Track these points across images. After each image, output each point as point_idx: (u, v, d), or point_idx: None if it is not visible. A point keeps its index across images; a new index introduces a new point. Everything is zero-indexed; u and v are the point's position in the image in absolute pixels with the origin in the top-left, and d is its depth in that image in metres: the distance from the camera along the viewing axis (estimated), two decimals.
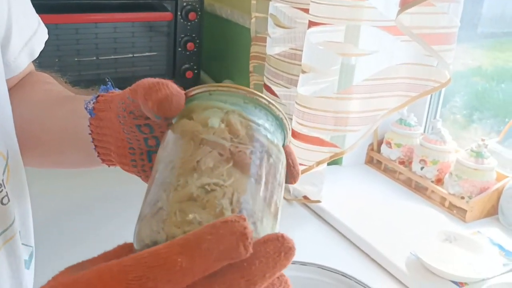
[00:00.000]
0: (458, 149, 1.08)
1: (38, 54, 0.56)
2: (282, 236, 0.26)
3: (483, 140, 1.00)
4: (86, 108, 0.43)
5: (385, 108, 0.82)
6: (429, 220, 0.99)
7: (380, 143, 1.20)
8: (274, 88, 1.08)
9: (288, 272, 0.60)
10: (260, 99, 0.32)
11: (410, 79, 0.79)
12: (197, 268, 0.24)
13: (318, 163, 0.87)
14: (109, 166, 0.45)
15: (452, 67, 0.73)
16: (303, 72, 0.82)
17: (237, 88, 0.33)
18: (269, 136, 0.32)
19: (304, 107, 0.83)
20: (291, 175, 0.35)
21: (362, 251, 0.90)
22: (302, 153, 0.88)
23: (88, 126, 0.43)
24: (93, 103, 0.43)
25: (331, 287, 0.60)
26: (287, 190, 1.08)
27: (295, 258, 0.55)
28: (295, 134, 0.88)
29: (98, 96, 0.43)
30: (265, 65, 1.10)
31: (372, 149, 1.22)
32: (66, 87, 0.57)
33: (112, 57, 1.41)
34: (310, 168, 0.88)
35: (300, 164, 0.90)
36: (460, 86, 1.20)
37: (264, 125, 0.32)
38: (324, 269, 0.61)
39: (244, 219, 0.25)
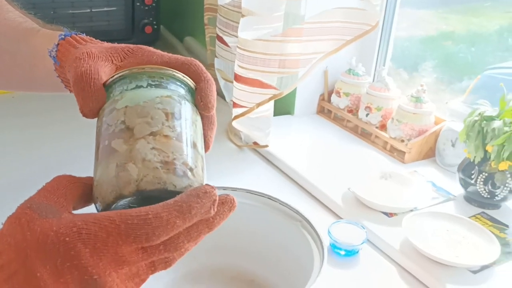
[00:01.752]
0: (402, 96, 1.13)
1: None
2: (233, 199, 0.36)
3: (422, 85, 1.05)
4: (50, 56, 0.45)
5: (322, 51, 0.85)
6: (370, 162, 1.04)
7: (330, 93, 1.25)
8: (226, 38, 1.11)
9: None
10: (156, 70, 0.37)
11: (345, 23, 0.83)
12: (186, 225, 0.33)
13: (258, 105, 0.91)
14: None
15: (379, 9, 0.76)
16: (243, 16, 0.85)
17: (137, 68, 0.37)
18: (175, 96, 0.36)
19: (245, 50, 0.87)
20: (204, 107, 0.39)
21: (304, 188, 0.96)
22: (244, 95, 0.91)
23: (54, 70, 0.45)
24: (56, 51, 0.45)
25: (257, 209, 0.65)
26: (238, 137, 1.12)
27: (226, 185, 0.61)
28: (237, 77, 0.91)
29: (59, 44, 0.45)
30: (217, 16, 1.12)
31: (323, 99, 1.27)
32: (22, 13, 0.58)
33: (70, 11, 1.41)
34: (251, 109, 0.92)
35: (242, 106, 0.94)
36: (431, 49, 1.24)
37: (180, 94, 0.37)
38: (251, 193, 0.66)
39: (214, 188, 0.34)
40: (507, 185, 0.85)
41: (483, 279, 0.72)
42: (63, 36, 0.45)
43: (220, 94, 1.29)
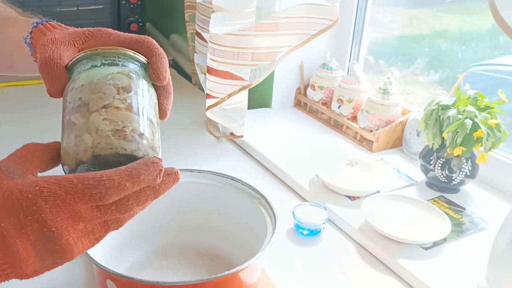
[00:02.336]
0: (372, 88, 1.18)
1: None
2: (177, 172, 0.41)
3: (388, 78, 1.10)
4: (25, 43, 0.50)
5: (288, 45, 0.91)
6: (340, 151, 1.10)
7: (306, 87, 1.30)
8: (204, 34, 1.16)
9: (187, 178, 0.70)
10: (108, 50, 0.43)
11: (309, 18, 0.88)
12: (134, 189, 0.38)
13: (229, 95, 0.97)
14: None
15: (338, 5, 0.82)
16: (213, 11, 0.90)
17: (91, 50, 0.43)
18: (129, 72, 0.42)
19: (216, 44, 0.92)
20: (157, 79, 0.44)
21: (275, 175, 1.01)
22: (216, 87, 0.97)
23: (31, 55, 0.50)
24: (30, 38, 0.50)
25: (221, 189, 0.71)
26: (216, 128, 1.18)
27: (193, 167, 0.67)
28: (209, 70, 0.97)
29: (32, 32, 0.50)
30: (196, 13, 1.18)
31: (300, 93, 1.32)
32: (2, 2, 0.63)
33: (57, 9, 1.46)
34: (223, 100, 0.97)
35: (215, 97, 0.99)
36: (423, 48, 1.27)
37: (130, 69, 0.42)
38: (216, 175, 0.71)
39: (161, 161, 0.39)
40: (462, 169, 0.91)
41: (433, 255, 0.77)
42: (35, 24, 0.50)
43: (200, 87, 1.35)
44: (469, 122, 0.86)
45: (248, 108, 1.24)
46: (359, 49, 1.28)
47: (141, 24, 1.58)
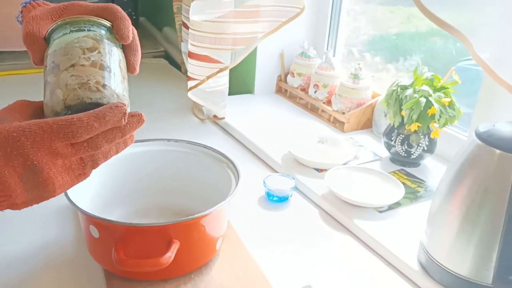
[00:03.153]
0: (344, 74, 1.27)
1: None
2: (141, 114, 0.48)
3: (359, 64, 1.19)
4: (17, 21, 0.59)
5: (261, 31, 1.00)
6: (314, 132, 1.18)
7: (286, 74, 1.39)
8: (188, 24, 1.25)
9: (165, 147, 0.80)
10: (75, 19, 0.51)
11: (279, 7, 0.97)
12: (101, 128, 0.45)
13: (208, 77, 1.06)
14: None
15: None
16: (193, 0, 0.99)
17: (61, 21, 0.51)
18: (94, 35, 0.50)
19: (195, 30, 1.01)
20: (121, 38, 0.53)
21: (253, 152, 1.11)
22: (196, 69, 1.06)
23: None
24: (21, 17, 0.59)
25: (195, 156, 0.80)
26: (201, 112, 1.27)
27: (170, 137, 0.76)
28: (190, 54, 1.06)
29: (22, 10, 0.59)
30: (182, 5, 1.27)
31: (281, 80, 1.41)
32: None
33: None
34: (202, 81, 1.07)
35: (194, 79, 1.08)
36: (418, 45, 1.34)
37: (95, 33, 0.51)
38: (190, 143, 0.80)
39: (125, 105, 0.46)
40: (420, 144, 1.00)
41: (387, 217, 0.86)
42: (24, 4, 0.59)
43: (186, 74, 1.44)
44: (423, 100, 0.95)
45: (232, 94, 1.33)
46: (336, 38, 1.37)
47: (134, 17, 1.67)
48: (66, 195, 0.64)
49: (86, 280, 0.71)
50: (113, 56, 0.50)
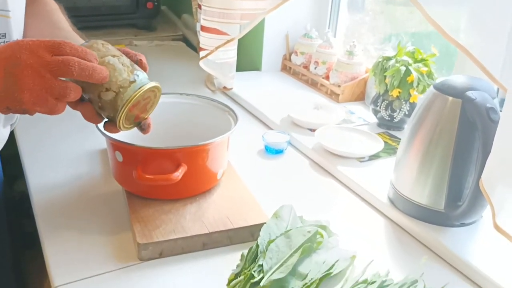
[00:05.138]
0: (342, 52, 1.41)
1: None
2: (104, 71, 0.62)
3: (353, 41, 1.33)
4: None
5: (263, 8, 1.15)
6: (312, 101, 1.33)
7: (291, 54, 1.54)
8: (201, 3, 1.41)
9: (178, 99, 0.97)
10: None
11: None
12: (74, 54, 0.60)
13: (217, 47, 1.21)
14: None
15: None
16: None
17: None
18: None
19: (206, 6, 1.17)
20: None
21: (254, 115, 1.26)
22: (207, 41, 1.22)
23: None
24: None
25: (202, 107, 0.95)
26: (212, 84, 1.42)
27: (178, 91, 0.92)
28: (202, 28, 1.21)
29: None
30: None
31: (286, 59, 1.56)
32: (66, 20, 0.86)
33: None
34: (212, 51, 1.22)
35: (205, 50, 1.24)
36: (434, 43, 1.41)
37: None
38: (198, 96, 0.95)
39: (105, 71, 0.62)
40: (402, 109, 1.13)
41: (365, 165, 1.00)
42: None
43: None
44: (403, 68, 1.08)
45: (242, 70, 1.49)
46: (336, 20, 1.51)
47: (156, 3, 1.84)
48: (98, 128, 0.79)
49: (111, 201, 0.86)
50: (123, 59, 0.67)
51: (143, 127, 0.72)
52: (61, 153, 1.02)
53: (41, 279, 1.53)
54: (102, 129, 0.78)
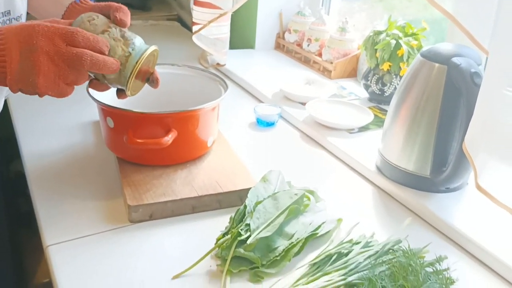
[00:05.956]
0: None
1: None
2: (116, 63, 0.65)
3: (345, 18, 1.34)
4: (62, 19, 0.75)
5: None
6: (304, 77, 1.34)
7: (284, 32, 1.55)
8: None
9: (172, 70, 0.98)
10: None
11: None
12: (91, 45, 0.62)
13: (210, 21, 1.22)
14: None
15: None
16: None
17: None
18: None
19: None
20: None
21: (247, 91, 1.27)
22: (200, 15, 1.23)
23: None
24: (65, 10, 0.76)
25: (195, 77, 0.96)
26: (206, 61, 1.43)
27: (174, 61, 0.93)
28: (195, 2, 1.22)
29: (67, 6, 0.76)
30: None
31: (279, 37, 1.57)
32: None
33: None
34: (205, 25, 1.23)
35: (198, 24, 1.25)
36: (432, 30, 1.43)
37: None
38: (190, 67, 0.97)
39: (117, 63, 0.64)
40: (392, 83, 1.15)
41: (355, 137, 1.01)
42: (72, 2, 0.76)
43: None
44: (393, 42, 1.09)
45: (235, 48, 1.49)
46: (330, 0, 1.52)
47: None
48: (89, 93, 0.80)
49: (103, 169, 0.88)
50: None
51: (152, 82, 0.75)
52: (55, 126, 1.03)
53: (37, 258, 1.54)
54: (91, 94, 0.79)
